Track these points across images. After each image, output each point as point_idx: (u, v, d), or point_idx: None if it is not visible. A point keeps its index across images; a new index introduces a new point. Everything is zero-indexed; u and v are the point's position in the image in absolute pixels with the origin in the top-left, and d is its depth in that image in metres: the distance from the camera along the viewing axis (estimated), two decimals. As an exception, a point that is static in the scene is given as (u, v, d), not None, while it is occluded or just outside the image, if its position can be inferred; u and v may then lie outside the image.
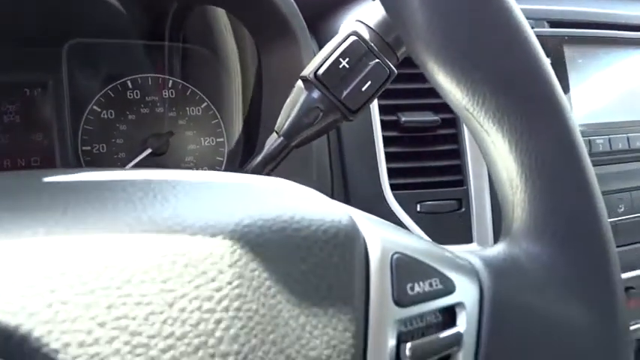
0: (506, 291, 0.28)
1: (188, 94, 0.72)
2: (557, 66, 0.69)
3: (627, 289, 0.74)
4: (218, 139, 0.73)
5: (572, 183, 0.30)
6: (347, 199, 0.63)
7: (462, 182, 0.65)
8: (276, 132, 0.48)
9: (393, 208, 0.62)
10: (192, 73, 0.73)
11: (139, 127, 0.69)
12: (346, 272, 0.23)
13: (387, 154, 0.63)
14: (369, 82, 0.45)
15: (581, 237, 0.30)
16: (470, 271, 0.27)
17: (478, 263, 0.29)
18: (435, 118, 0.63)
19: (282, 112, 0.48)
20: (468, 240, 0.65)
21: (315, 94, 0.46)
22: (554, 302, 0.28)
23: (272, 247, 0.21)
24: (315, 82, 0.45)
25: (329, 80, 0.45)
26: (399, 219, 0.62)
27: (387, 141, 0.63)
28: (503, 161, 0.31)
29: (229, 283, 0.20)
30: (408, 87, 0.64)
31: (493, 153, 0.31)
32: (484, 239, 0.65)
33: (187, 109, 0.72)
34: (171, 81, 0.72)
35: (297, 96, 0.47)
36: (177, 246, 0.20)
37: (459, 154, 0.64)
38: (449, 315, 0.26)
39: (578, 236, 0.29)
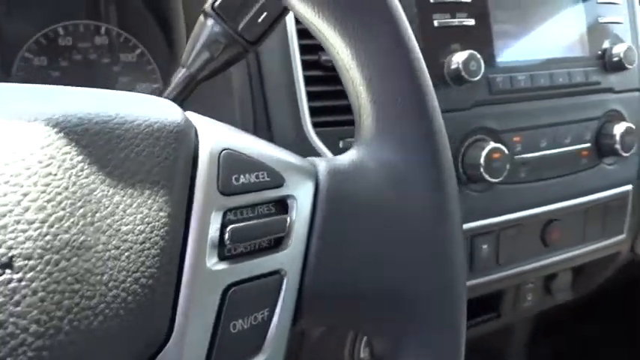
0: (342, 187, 0.30)
1: (122, 40, 0.73)
2: (479, 4, 0.71)
3: (550, 221, 0.78)
4: (154, 85, 0.75)
5: (407, 88, 0.32)
6: (270, 138, 0.65)
7: (384, 119, 0.67)
8: (182, 65, 0.50)
9: (315, 146, 0.64)
10: (127, 20, 0.75)
11: (72, 74, 0.70)
12: (168, 162, 0.25)
13: (308, 93, 0.65)
14: (265, 14, 0.47)
15: (417, 138, 0.32)
16: (306, 169, 0.30)
17: (322, 165, 0.31)
18: (356, 56, 0.65)
19: (187, 46, 0.50)
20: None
21: (216, 27, 0.48)
22: (391, 197, 0.31)
23: (89, 135, 0.24)
24: (212, 14, 0.47)
25: (226, 13, 0.47)
26: (322, 156, 0.65)
27: (308, 80, 0.65)
28: (347, 72, 0.33)
29: (39, 162, 0.22)
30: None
31: (339, 64, 0.33)
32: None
33: (121, 55, 0.73)
34: (104, 27, 0.73)
35: (200, 29, 0.49)
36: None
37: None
38: (282, 207, 0.29)
39: (414, 137, 0.32)
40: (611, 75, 0.82)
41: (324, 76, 0.66)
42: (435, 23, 0.68)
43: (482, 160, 0.68)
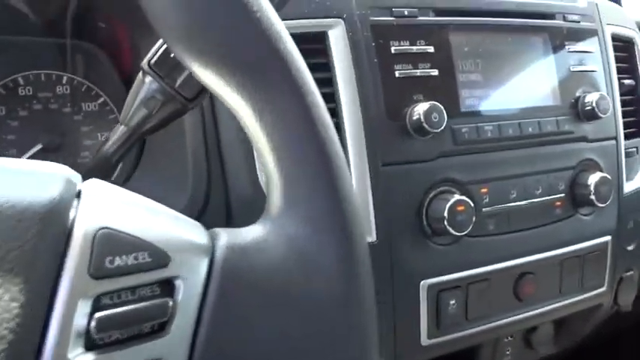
0: (240, 265, 0.28)
1: (84, 90, 0.73)
2: (443, 54, 0.70)
3: (523, 274, 0.75)
4: (116, 134, 0.74)
5: (314, 159, 0.30)
6: (225, 193, 0.64)
7: (344, 170, 0.65)
8: (120, 122, 0.49)
9: (271, 198, 0.63)
10: (90, 69, 0.74)
11: (31, 124, 0.69)
12: (28, 246, 0.23)
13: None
14: (201, 71, 0.46)
15: (325, 214, 0.30)
16: (200, 246, 0.28)
17: (222, 239, 0.29)
18: (315, 107, 0.64)
19: (126, 102, 0.49)
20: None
21: (153, 83, 0.47)
22: (296, 280, 0.29)
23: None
24: (149, 71, 0.46)
25: (162, 69, 0.46)
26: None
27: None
28: (255, 141, 0.31)
29: None
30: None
31: (248, 132, 0.32)
32: (367, 227, 0.66)
33: (83, 104, 0.73)
34: (65, 77, 0.72)
35: (138, 86, 0.48)
36: None
37: (339, 129, 0.65)
38: (169, 289, 0.27)
39: (322, 213, 0.30)
40: (585, 124, 0.80)
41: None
42: (397, 74, 0.67)
43: (446, 213, 0.66)
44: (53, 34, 0.74)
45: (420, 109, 0.65)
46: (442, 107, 0.66)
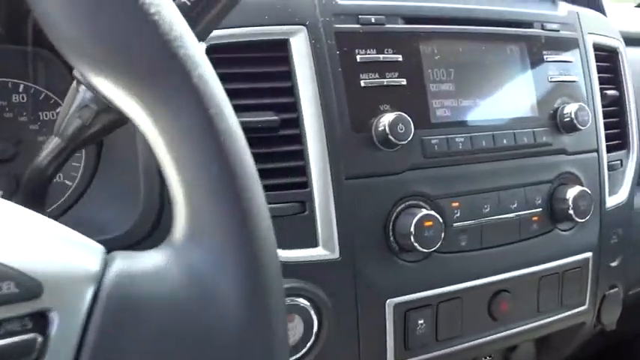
0: (131, 294, 0.26)
1: (42, 98, 0.70)
2: (413, 63, 0.67)
3: (498, 292, 0.72)
4: (75, 144, 0.71)
5: (219, 186, 0.28)
6: (158, 220, 0.61)
7: (306, 184, 0.63)
8: (54, 133, 0.46)
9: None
10: (51, 78, 0.72)
11: (-16, 133, 0.67)
12: None
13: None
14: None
15: (232, 244, 0.27)
16: (83, 273, 0.25)
17: (115, 265, 0.26)
18: (275, 118, 0.62)
19: (60, 112, 0.46)
20: (314, 244, 0.63)
21: (87, 93, 0.44)
22: (193, 314, 0.26)
23: None
24: (82, 79, 0.43)
25: (95, 77, 0.43)
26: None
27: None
28: (160, 160, 0.29)
29: None
30: (246, 87, 0.62)
31: (154, 150, 0.29)
32: (330, 242, 0.63)
33: (40, 113, 0.70)
34: (22, 85, 0.70)
35: (72, 95, 0.45)
36: None
37: (302, 155, 0.62)
38: (43, 322, 0.24)
39: (228, 242, 0.27)
40: (564, 136, 0.77)
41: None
42: (362, 83, 0.64)
43: (412, 229, 0.63)
44: (14, 41, 0.71)
45: (386, 120, 0.63)
46: (409, 118, 0.63)
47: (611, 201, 0.84)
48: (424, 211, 0.64)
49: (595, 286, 0.82)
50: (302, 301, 0.61)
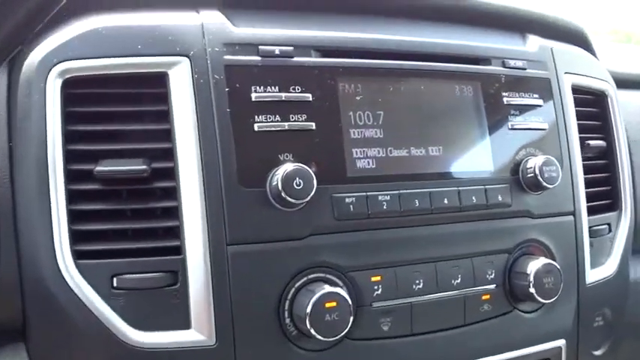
0: None
1: None
2: (326, 104, 0.55)
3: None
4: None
5: None
6: (17, 267, 0.50)
7: (179, 250, 0.50)
8: None
9: (74, 284, 0.48)
10: None
11: None
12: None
13: (73, 212, 0.49)
14: None
15: None
16: None
17: None
18: (143, 167, 0.50)
19: None
20: (185, 325, 0.50)
21: None
22: None
23: None
24: None
25: None
26: (82, 299, 0.48)
27: (76, 196, 0.50)
28: None
29: None
30: (114, 128, 0.51)
31: None
32: (204, 324, 0.50)
33: None
34: None
35: None
36: None
37: (176, 213, 0.51)
38: None
39: None
40: (529, 195, 0.63)
41: (100, 191, 0.51)
42: (256, 127, 0.52)
43: (308, 310, 0.50)
44: None
45: (281, 172, 0.50)
46: (310, 171, 0.51)
47: (594, 275, 0.69)
48: (327, 288, 0.51)
49: (571, 381, 0.66)
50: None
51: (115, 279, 0.49)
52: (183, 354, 0.50)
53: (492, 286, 0.60)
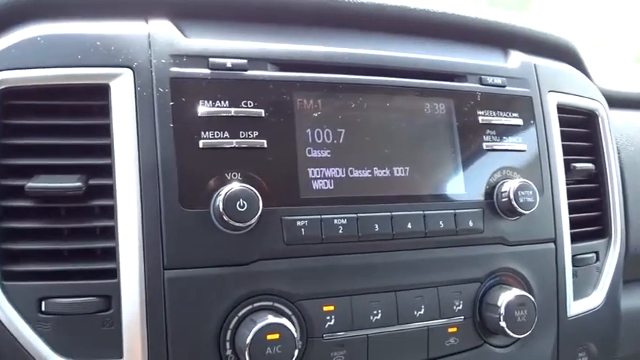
0: None
1: None
2: (280, 121, 0.52)
3: None
4: None
5: None
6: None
7: (115, 273, 0.47)
8: None
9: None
10: None
11: None
12: None
13: (3, 230, 0.46)
14: None
15: None
16: None
17: None
18: (78, 184, 0.47)
19: None
20: (117, 354, 0.47)
21: None
22: None
23: None
24: None
25: None
26: (5, 324, 0.45)
27: (7, 213, 0.47)
28: None
29: None
30: (47, 142, 0.48)
31: None
32: (136, 354, 0.47)
33: None
34: None
35: None
36: None
37: (113, 233, 0.47)
38: None
39: None
40: (504, 221, 0.59)
41: (31, 209, 0.48)
42: (201, 144, 0.49)
43: (248, 341, 0.46)
44: None
45: (224, 193, 0.47)
46: (255, 192, 0.47)
47: (578, 307, 0.64)
48: (269, 319, 0.47)
49: None
50: None
51: (43, 303, 0.46)
52: (114, 386, 0.46)
53: (460, 318, 0.56)
